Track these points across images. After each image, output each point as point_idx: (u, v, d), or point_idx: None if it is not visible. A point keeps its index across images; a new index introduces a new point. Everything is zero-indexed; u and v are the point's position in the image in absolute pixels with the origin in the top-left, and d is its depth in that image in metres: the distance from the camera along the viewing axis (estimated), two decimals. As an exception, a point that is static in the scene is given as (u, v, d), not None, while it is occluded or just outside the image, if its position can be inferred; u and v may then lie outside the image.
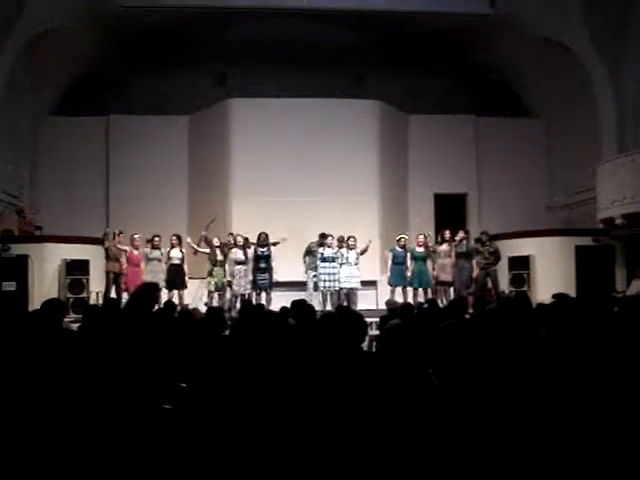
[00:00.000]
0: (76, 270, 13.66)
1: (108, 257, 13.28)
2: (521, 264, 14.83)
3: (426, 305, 8.42)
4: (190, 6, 15.61)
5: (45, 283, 13.52)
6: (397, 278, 13.26)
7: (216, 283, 12.99)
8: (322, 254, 13.10)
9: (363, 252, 13.28)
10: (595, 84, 15.48)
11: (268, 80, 17.23)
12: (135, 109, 17.29)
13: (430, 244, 13.53)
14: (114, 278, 13.24)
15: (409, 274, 13.24)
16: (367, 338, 7.53)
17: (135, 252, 13.09)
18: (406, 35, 16.91)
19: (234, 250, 13.04)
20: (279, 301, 10.87)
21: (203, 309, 9.42)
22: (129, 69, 17.44)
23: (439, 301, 12.04)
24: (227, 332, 6.05)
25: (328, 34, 17.07)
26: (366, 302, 13.62)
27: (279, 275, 13.44)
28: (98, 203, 17.03)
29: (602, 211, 14.43)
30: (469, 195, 18.19)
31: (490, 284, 13.81)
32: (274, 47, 16.86)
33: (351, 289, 13.14)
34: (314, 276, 13.37)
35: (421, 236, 13.54)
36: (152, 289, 5.51)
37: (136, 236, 13.19)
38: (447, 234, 13.61)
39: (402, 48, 17.40)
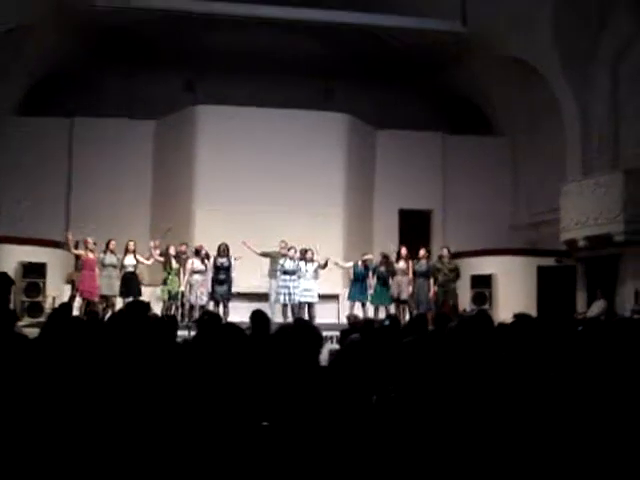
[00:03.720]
0: (32, 273, 13.36)
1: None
2: (483, 282, 14.90)
3: (387, 322, 8.34)
4: (161, 9, 15.40)
5: (0, 285, 13.17)
6: (355, 294, 13.20)
7: (169, 292, 12.74)
8: (283, 266, 12.98)
9: (324, 266, 13.19)
10: (562, 105, 15.62)
11: (236, 88, 17.13)
12: (101, 111, 16.90)
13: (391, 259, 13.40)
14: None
15: (371, 291, 13.18)
16: (328, 352, 7.43)
17: (90, 256, 12.62)
18: (377, 50, 16.98)
19: (191, 260, 12.78)
20: (239, 312, 10.71)
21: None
22: (96, 70, 17.20)
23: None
24: (180, 340, 5.89)
25: (299, 46, 17.07)
26: (327, 315, 13.52)
27: (240, 287, 13.27)
28: (59, 205, 16.68)
29: (565, 232, 14.55)
30: (434, 212, 18.24)
31: (450, 302, 13.68)
32: (244, 56, 16.80)
33: (307, 303, 13.03)
34: (278, 286, 13.22)
35: (384, 258, 13.42)
36: (143, 308, 5.34)
37: (90, 239, 12.74)
38: (404, 252, 13.50)
39: (372, 63, 17.46)
